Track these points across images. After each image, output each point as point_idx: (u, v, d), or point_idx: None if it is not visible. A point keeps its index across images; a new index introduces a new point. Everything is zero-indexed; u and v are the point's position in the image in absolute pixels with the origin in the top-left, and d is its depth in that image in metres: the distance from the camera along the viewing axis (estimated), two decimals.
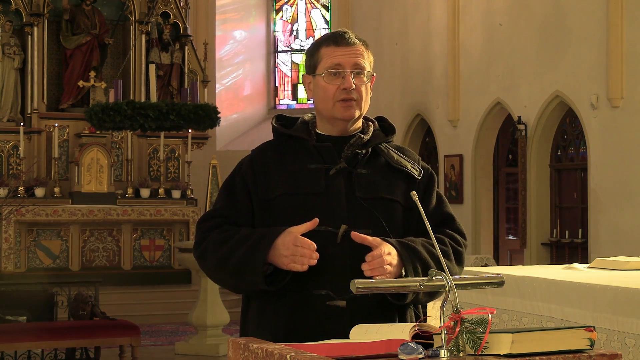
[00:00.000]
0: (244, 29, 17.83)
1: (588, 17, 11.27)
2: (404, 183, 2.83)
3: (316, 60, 2.82)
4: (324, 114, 2.84)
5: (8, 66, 14.11)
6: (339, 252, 2.71)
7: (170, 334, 11.29)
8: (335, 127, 2.83)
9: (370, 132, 2.86)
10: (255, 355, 2.27)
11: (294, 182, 2.78)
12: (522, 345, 2.14)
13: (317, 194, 2.75)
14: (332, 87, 2.78)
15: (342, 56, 2.77)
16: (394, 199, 2.80)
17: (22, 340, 7.50)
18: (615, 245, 10.56)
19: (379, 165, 2.83)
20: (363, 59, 2.79)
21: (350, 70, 2.77)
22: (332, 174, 2.78)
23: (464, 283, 2.45)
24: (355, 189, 2.77)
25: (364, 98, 2.80)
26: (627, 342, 4.18)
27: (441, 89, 13.89)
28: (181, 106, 10.75)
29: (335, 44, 2.79)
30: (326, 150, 2.81)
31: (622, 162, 10.83)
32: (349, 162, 2.80)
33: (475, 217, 13.35)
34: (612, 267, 5.26)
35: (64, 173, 14.13)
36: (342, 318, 2.67)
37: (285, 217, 2.74)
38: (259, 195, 2.80)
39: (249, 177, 2.83)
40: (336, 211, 2.74)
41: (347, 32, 2.83)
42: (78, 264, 13.34)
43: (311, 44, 2.91)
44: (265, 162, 2.84)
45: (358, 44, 2.80)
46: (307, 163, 2.80)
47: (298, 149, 2.84)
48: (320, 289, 2.70)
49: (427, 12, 14.24)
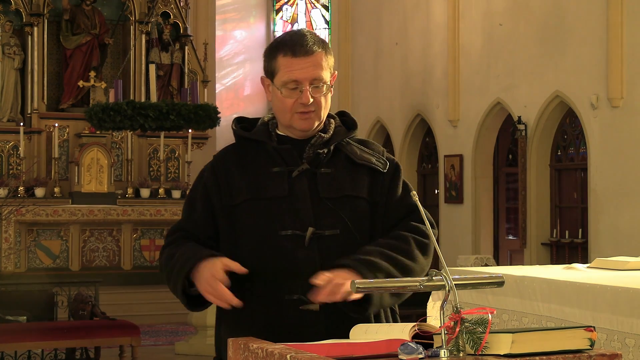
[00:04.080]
0: (244, 29, 17.83)
1: (588, 17, 11.27)
2: (368, 177, 2.79)
3: (273, 68, 2.75)
4: (282, 122, 2.80)
5: (8, 66, 14.11)
6: (308, 255, 2.68)
7: (170, 334, 11.29)
8: (295, 132, 2.79)
9: (331, 130, 2.81)
10: (255, 355, 2.27)
11: (257, 187, 2.74)
12: (522, 345, 2.14)
13: (282, 197, 2.72)
14: (290, 101, 2.72)
15: (299, 70, 2.69)
16: (359, 196, 2.76)
17: (22, 340, 7.51)
18: (615, 245, 10.56)
19: (341, 162, 2.79)
20: (321, 69, 2.71)
21: (309, 84, 2.70)
22: (295, 176, 2.74)
23: (464, 283, 2.45)
24: (320, 190, 2.73)
25: (322, 107, 2.75)
26: (627, 342, 4.18)
27: (441, 89, 13.88)
28: (181, 106, 10.75)
29: (292, 54, 2.70)
30: (287, 152, 2.77)
31: (622, 162, 10.83)
32: (311, 163, 2.76)
33: (475, 217, 13.35)
34: (612, 267, 5.26)
35: (64, 173, 14.13)
36: (316, 322, 2.65)
37: (250, 222, 2.72)
38: (223, 202, 2.77)
39: (210, 185, 2.80)
40: (302, 214, 2.71)
41: (305, 37, 2.72)
42: (78, 264, 13.34)
43: (270, 44, 2.82)
44: (227, 167, 2.80)
45: (317, 52, 2.71)
46: (269, 166, 2.76)
47: (259, 151, 2.80)
48: (292, 294, 2.66)
49: (427, 12, 14.24)
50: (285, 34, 2.80)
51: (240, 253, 2.71)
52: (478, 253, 12.90)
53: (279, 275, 2.66)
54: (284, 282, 2.67)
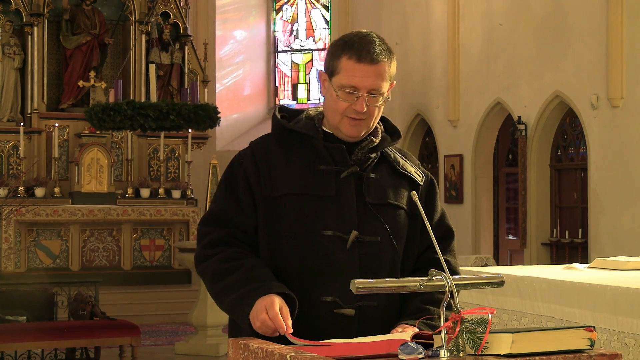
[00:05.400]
0: (244, 29, 17.83)
1: (588, 17, 11.27)
2: (408, 188, 2.77)
3: (334, 68, 2.68)
4: (331, 122, 2.74)
5: (8, 66, 14.11)
6: (348, 258, 2.64)
7: (170, 334, 11.28)
8: (341, 134, 2.74)
9: (379, 135, 2.78)
10: (255, 355, 2.27)
11: (302, 182, 2.68)
12: (522, 345, 2.14)
13: (328, 197, 2.67)
14: (344, 104, 2.66)
15: (360, 77, 2.63)
16: (400, 206, 2.75)
17: (22, 340, 7.51)
18: (615, 245, 10.56)
19: (385, 169, 2.77)
20: (382, 80, 2.65)
21: (366, 93, 2.64)
22: (343, 177, 2.70)
23: (464, 283, 2.45)
24: (365, 194, 2.70)
25: (374, 117, 2.71)
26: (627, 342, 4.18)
27: (441, 89, 13.89)
28: (181, 106, 10.74)
29: (357, 59, 2.63)
30: (338, 151, 2.71)
31: (622, 162, 10.83)
32: (359, 166, 2.72)
33: (475, 217, 13.35)
34: (612, 267, 5.26)
35: (64, 173, 14.13)
36: (349, 327, 2.62)
37: (293, 217, 2.66)
38: (263, 192, 2.70)
39: (251, 173, 2.72)
40: (347, 216, 2.67)
41: (374, 44, 2.65)
42: (78, 264, 13.33)
43: (337, 41, 2.74)
44: (268, 157, 2.72)
45: (382, 61, 2.64)
46: (316, 163, 2.70)
47: (305, 146, 2.73)
48: (328, 296, 2.62)
49: (427, 12, 14.24)
50: (354, 35, 2.71)
51: (280, 248, 2.67)
52: (478, 253, 12.90)
53: (317, 275, 2.62)
54: (321, 283, 2.62)
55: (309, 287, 2.63)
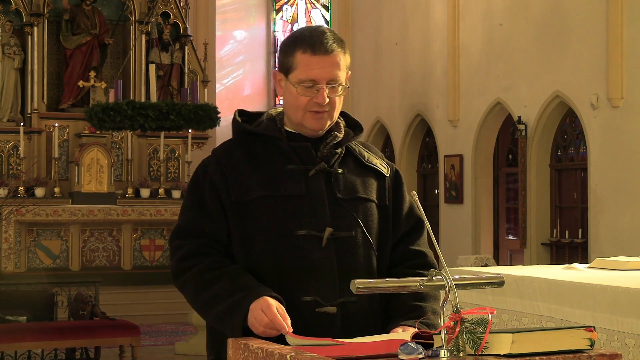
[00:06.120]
0: (244, 29, 17.83)
1: (588, 17, 11.27)
2: (375, 181, 2.78)
3: (290, 64, 2.67)
4: (293, 120, 2.73)
5: (8, 66, 14.11)
6: (324, 256, 2.63)
7: (170, 334, 11.29)
8: (305, 130, 2.73)
9: (342, 130, 2.78)
10: (255, 355, 2.27)
11: (271, 184, 2.66)
12: (522, 345, 2.14)
13: (298, 196, 2.66)
14: (305, 99, 2.66)
15: (317, 69, 2.63)
16: (370, 198, 2.75)
17: (22, 340, 7.51)
18: (615, 245, 10.56)
19: (351, 164, 2.76)
20: (339, 69, 2.67)
21: (326, 84, 2.65)
22: (312, 175, 2.69)
23: (464, 283, 2.45)
24: (335, 190, 2.69)
25: (336, 107, 2.71)
26: (627, 342, 4.17)
27: (441, 89, 13.88)
28: (181, 106, 10.74)
29: (312, 51, 2.63)
30: (304, 149, 2.70)
31: (622, 162, 10.83)
32: (326, 162, 2.71)
33: (475, 217, 13.35)
34: (612, 267, 5.26)
35: (64, 173, 14.13)
36: (332, 324, 2.61)
37: (265, 220, 2.64)
38: (232, 199, 2.67)
39: (217, 180, 2.69)
40: (320, 214, 2.66)
41: (325, 35, 2.66)
42: (78, 264, 13.34)
43: (287, 38, 2.74)
44: (233, 163, 2.70)
45: (336, 50, 2.66)
46: (283, 163, 2.69)
47: (269, 148, 2.72)
48: (308, 296, 2.61)
49: (427, 12, 14.24)
50: (305, 30, 2.72)
51: (255, 252, 2.65)
52: (478, 253, 12.90)
53: (295, 276, 2.61)
54: (300, 283, 2.61)
55: (288, 288, 2.60)
